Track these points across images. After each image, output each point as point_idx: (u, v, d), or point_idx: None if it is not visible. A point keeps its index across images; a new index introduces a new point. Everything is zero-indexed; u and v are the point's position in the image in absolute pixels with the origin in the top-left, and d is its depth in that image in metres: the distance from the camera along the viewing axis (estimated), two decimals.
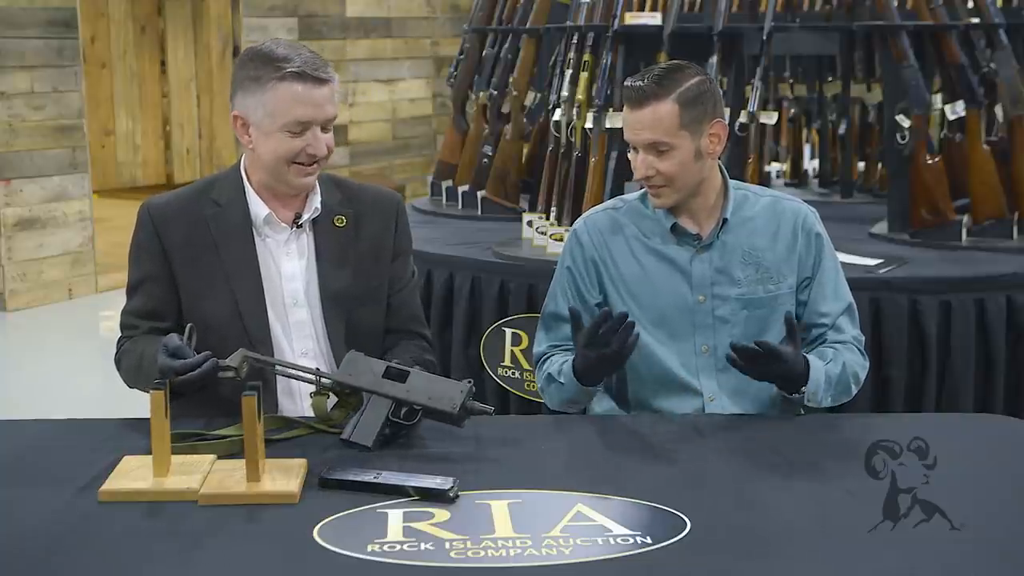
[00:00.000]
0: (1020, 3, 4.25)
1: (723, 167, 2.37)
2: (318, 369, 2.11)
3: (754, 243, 2.34)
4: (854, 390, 2.33)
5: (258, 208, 2.26)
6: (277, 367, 2.11)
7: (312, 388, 2.11)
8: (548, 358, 2.37)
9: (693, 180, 2.28)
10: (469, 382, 2.02)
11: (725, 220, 2.32)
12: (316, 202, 2.28)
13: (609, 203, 2.46)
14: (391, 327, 2.37)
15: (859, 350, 2.35)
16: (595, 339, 2.14)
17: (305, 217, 2.27)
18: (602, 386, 2.32)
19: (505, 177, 4.42)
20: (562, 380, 2.28)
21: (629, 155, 2.32)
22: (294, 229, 2.27)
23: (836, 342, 2.33)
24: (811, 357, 2.22)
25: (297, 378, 2.12)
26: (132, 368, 2.24)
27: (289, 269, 2.27)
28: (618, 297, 2.36)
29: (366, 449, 1.96)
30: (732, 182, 2.37)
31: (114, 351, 2.32)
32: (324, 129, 2.20)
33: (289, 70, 2.13)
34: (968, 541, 1.64)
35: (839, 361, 2.28)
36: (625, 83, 2.32)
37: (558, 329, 2.38)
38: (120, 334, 2.32)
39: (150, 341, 2.20)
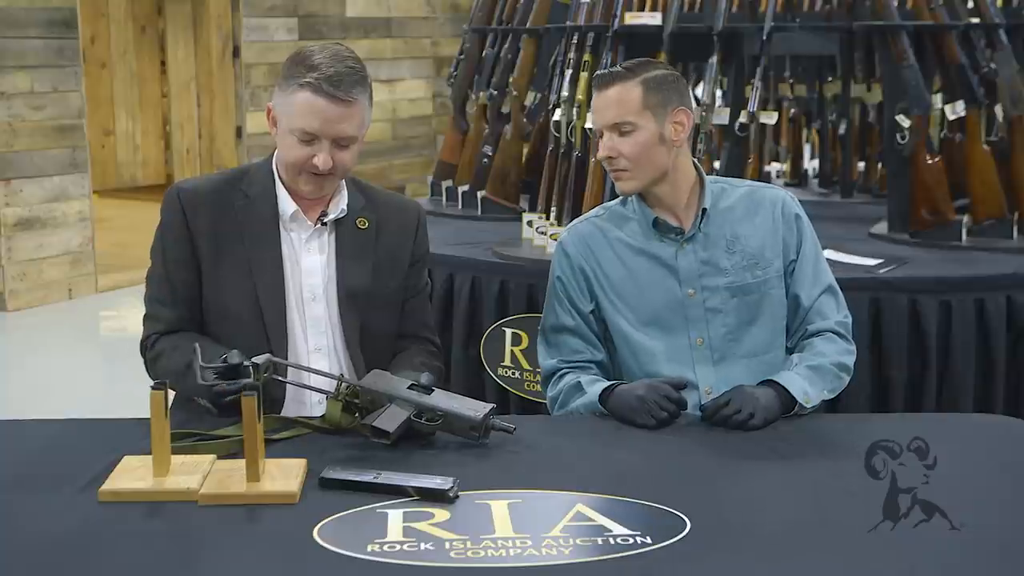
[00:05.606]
0: (1020, 3, 4.24)
1: (698, 164, 2.40)
2: (342, 375, 2.11)
3: (736, 231, 2.36)
4: (845, 377, 2.33)
5: (286, 204, 2.28)
6: (300, 371, 2.11)
7: (319, 394, 2.11)
8: (564, 373, 2.37)
9: (656, 166, 2.31)
10: (493, 405, 2.04)
11: (704, 210, 2.34)
12: (343, 203, 2.31)
13: (591, 212, 2.49)
14: (403, 332, 2.40)
15: (841, 335, 2.35)
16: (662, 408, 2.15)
17: (331, 216, 2.30)
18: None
19: (505, 177, 4.42)
20: (586, 401, 2.27)
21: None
22: (318, 226, 2.30)
23: (816, 332, 2.33)
24: (776, 377, 2.22)
25: (317, 390, 2.11)
26: (177, 373, 2.17)
27: (309, 264, 2.29)
28: (609, 302, 2.37)
29: (385, 437, 1.96)
30: (708, 177, 2.40)
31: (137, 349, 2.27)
32: (338, 145, 2.19)
33: (309, 80, 2.14)
34: (968, 541, 1.64)
35: (809, 355, 2.29)
36: (595, 74, 2.39)
37: (562, 343, 2.40)
38: (147, 329, 2.28)
39: (189, 343, 2.10)
